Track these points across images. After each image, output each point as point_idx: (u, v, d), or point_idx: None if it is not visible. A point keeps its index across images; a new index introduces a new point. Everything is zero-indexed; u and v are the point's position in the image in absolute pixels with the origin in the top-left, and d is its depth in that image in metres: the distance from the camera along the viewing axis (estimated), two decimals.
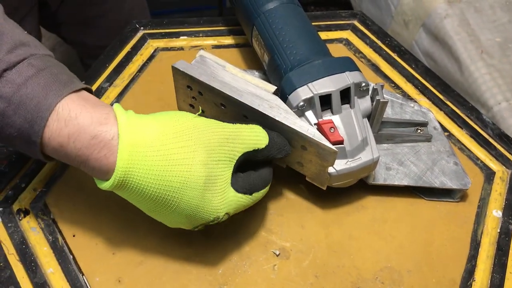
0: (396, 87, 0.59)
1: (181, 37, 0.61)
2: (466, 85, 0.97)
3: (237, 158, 0.40)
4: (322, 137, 0.41)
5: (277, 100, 0.44)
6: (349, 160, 0.44)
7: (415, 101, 0.57)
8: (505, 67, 0.95)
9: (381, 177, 0.48)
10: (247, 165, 0.42)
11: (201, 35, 0.62)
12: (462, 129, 0.55)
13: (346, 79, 0.45)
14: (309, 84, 0.44)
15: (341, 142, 0.43)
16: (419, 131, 0.51)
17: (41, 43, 0.41)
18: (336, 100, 0.44)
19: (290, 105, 0.44)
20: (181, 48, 0.60)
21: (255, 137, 0.41)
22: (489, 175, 0.52)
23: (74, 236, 0.46)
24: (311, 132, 0.41)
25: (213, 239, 0.46)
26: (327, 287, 0.43)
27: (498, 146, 0.54)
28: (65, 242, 0.45)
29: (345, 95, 0.45)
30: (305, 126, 0.42)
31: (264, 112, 0.42)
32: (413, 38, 1.17)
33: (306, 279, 0.44)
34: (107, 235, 0.46)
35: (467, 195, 0.50)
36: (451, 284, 0.44)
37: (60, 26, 0.82)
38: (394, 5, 1.23)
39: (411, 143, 0.51)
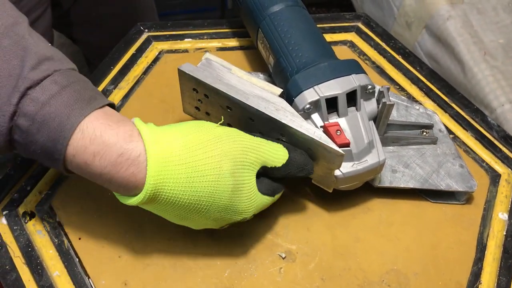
0: (401, 89, 0.59)
1: (186, 39, 0.61)
2: (469, 87, 0.97)
3: (258, 167, 0.41)
4: (329, 139, 0.41)
5: (283, 103, 0.44)
6: (356, 162, 0.44)
7: (420, 104, 0.57)
8: (508, 68, 0.95)
9: (387, 180, 0.48)
10: None
11: (205, 37, 0.62)
12: (467, 131, 0.55)
13: (353, 81, 0.45)
14: (315, 87, 0.44)
15: (347, 144, 0.43)
16: (424, 133, 0.51)
17: (63, 55, 0.41)
18: (342, 102, 0.44)
19: (296, 108, 0.44)
20: (186, 51, 0.60)
21: (273, 154, 0.41)
22: (495, 177, 0.51)
23: (80, 239, 0.46)
24: (318, 134, 0.41)
25: (219, 241, 0.46)
26: None
27: (504, 148, 0.54)
28: (71, 245, 0.45)
29: (351, 98, 0.45)
30: (312, 128, 0.42)
31: (270, 115, 0.42)
32: (415, 40, 1.17)
33: (312, 282, 0.44)
34: (113, 237, 0.46)
35: (472, 198, 0.50)
36: (458, 287, 0.44)
37: (70, 26, 0.82)
38: (397, 6, 1.23)
39: (417, 146, 0.51)
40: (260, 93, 0.44)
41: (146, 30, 0.62)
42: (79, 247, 0.45)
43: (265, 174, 0.42)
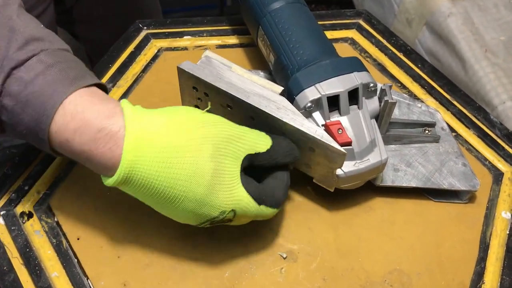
0: (403, 87, 0.58)
1: (185, 37, 0.61)
2: (470, 84, 0.97)
3: (242, 158, 0.39)
4: (331, 138, 0.41)
5: (284, 101, 0.43)
6: (357, 161, 0.43)
7: (422, 101, 0.56)
8: (509, 66, 0.94)
9: (389, 179, 0.47)
10: (260, 175, 0.41)
11: (205, 34, 0.61)
12: (469, 129, 0.54)
13: (354, 79, 0.44)
14: (317, 85, 0.43)
15: (349, 143, 0.42)
16: (427, 131, 0.50)
17: (57, 37, 0.40)
18: (344, 101, 0.43)
19: (297, 106, 0.44)
20: (185, 48, 0.60)
21: (257, 140, 0.40)
22: (498, 176, 0.51)
23: (78, 239, 0.45)
24: (319, 133, 0.41)
25: (219, 241, 0.45)
26: None
27: (506, 147, 0.53)
28: (70, 245, 0.45)
29: (353, 96, 0.44)
30: (313, 127, 0.41)
31: (271, 114, 0.41)
32: (416, 37, 1.17)
33: (314, 282, 0.43)
34: (112, 237, 0.45)
35: (475, 196, 0.49)
36: (461, 287, 0.44)
37: (73, 23, 0.81)
38: (397, 3, 1.22)
39: (419, 144, 0.50)
40: (260, 91, 0.44)
41: (145, 27, 0.61)
42: (77, 247, 0.45)
43: (254, 165, 0.40)
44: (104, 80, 0.56)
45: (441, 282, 0.44)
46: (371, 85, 0.45)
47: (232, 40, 0.61)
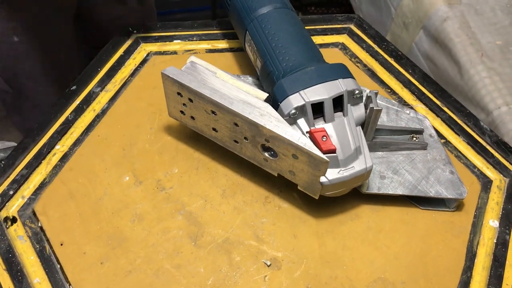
0: (393, 92, 0.58)
1: (175, 41, 0.60)
2: (466, 89, 0.96)
3: None
4: (314, 146, 0.40)
5: (268, 108, 0.43)
6: (342, 169, 0.43)
7: (411, 108, 0.56)
8: (505, 70, 0.94)
9: (375, 186, 0.47)
10: None
11: (195, 39, 0.61)
12: (459, 136, 0.54)
13: (339, 86, 0.44)
14: (301, 92, 0.43)
15: (333, 151, 0.42)
16: (414, 138, 0.50)
17: None
18: (328, 108, 0.43)
19: (281, 113, 0.43)
20: (175, 52, 0.59)
21: None
22: (486, 183, 0.50)
23: (62, 244, 0.45)
24: (302, 141, 0.40)
25: (203, 248, 0.45)
26: None
27: (496, 154, 0.53)
28: (53, 251, 0.44)
29: (338, 103, 0.44)
30: (296, 135, 0.41)
31: (254, 121, 0.41)
32: (413, 41, 1.16)
33: None
34: (95, 243, 0.45)
35: (463, 205, 0.49)
36: None
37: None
38: (394, 7, 1.22)
39: (406, 151, 0.50)
40: (245, 97, 0.43)
41: (135, 31, 0.61)
42: (60, 253, 0.44)
43: None
44: (92, 84, 0.56)
45: None
46: (357, 92, 0.44)
47: (222, 44, 0.61)
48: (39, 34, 0.67)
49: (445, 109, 0.56)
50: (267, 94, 0.44)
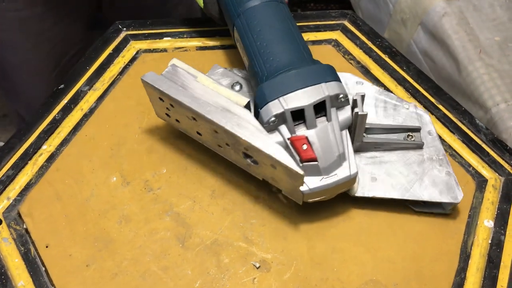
0: (386, 90, 0.56)
1: (165, 38, 0.59)
2: (464, 86, 0.95)
3: None
4: (289, 159, 0.39)
5: (247, 115, 0.42)
6: (324, 176, 0.41)
7: (424, 105, 0.54)
8: (504, 67, 0.92)
9: (365, 189, 0.45)
10: None
11: (185, 36, 0.60)
12: (454, 134, 0.53)
13: (321, 91, 0.41)
14: (281, 98, 0.41)
15: (314, 159, 0.41)
16: (410, 137, 0.48)
17: None
18: (309, 114, 0.41)
19: (261, 120, 0.42)
20: (165, 50, 0.58)
21: None
22: (481, 183, 0.49)
23: (47, 247, 0.44)
24: (278, 154, 0.39)
25: (191, 250, 0.44)
26: None
27: (491, 152, 0.52)
28: (38, 253, 0.44)
29: (322, 107, 0.42)
30: (272, 146, 0.40)
31: (231, 131, 0.40)
32: (411, 37, 1.15)
33: None
34: (81, 245, 0.44)
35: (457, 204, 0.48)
36: None
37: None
38: (392, 3, 1.21)
39: (401, 151, 0.48)
40: (225, 104, 0.42)
41: (125, 28, 0.60)
42: (46, 255, 0.44)
43: None
44: (80, 82, 0.55)
45: None
46: (341, 96, 0.42)
47: (213, 41, 0.60)
48: None
49: (440, 106, 0.55)
50: (248, 100, 0.43)
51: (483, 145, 0.52)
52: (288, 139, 0.41)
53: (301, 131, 0.42)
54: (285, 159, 0.39)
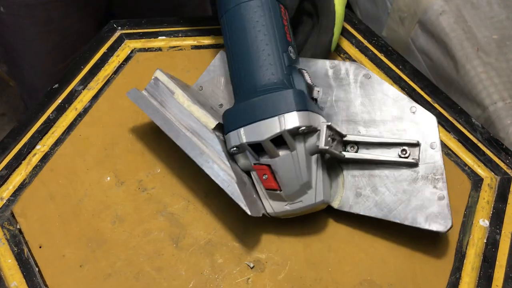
0: None
1: (160, 37, 0.59)
2: (462, 84, 0.95)
3: None
4: (240, 195, 0.39)
5: (213, 140, 0.42)
6: (289, 203, 0.41)
7: (420, 104, 0.51)
8: (501, 65, 0.92)
9: (347, 204, 0.43)
10: None
11: (180, 35, 0.59)
12: (449, 133, 0.53)
13: (278, 125, 0.39)
14: (240, 130, 0.40)
15: (275, 189, 0.41)
16: (404, 152, 0.42)
17: None
18: (268, 147, 0.40)
19: (227, 146, 0.42)
20: (159, 49, 0.58)
21: None
22: (477, 182, 0.49)
23: (40, 247, 0.44)
24: (230, 189, 0.40)
25: (185, 250, 0.44)
26: None
27: (487, 151, 0.51)
28: (31, 253, 0.43)
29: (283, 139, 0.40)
30: (227, 181, 0.40)
31: (193, 159, 0.41)
32: (409, 36, 1.15)
33: None
34: (75, 246, 0.44)
35: (452, 203, 0.47)
36: None
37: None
38: (390, 1, 1.20)
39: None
40: (195, 125, 0.42)
41: (119, 27, 0.60)
42: (39, 256, 0.43)
43: None
44: (75, 82, 0.55)
45: None
46: (302, 128, 0.39)
47: (208, 40, 0.59)
48: None
49: (436, 105, 0.55)
50: (216, 122, 0.42)
51: (479, 144, 0.52)
52: (252, 166, 0.42)
53: (265, 158, 0.41)
54: (237, 196, 0.39)
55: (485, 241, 0.46)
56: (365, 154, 0.43)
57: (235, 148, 0.41)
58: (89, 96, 0.54)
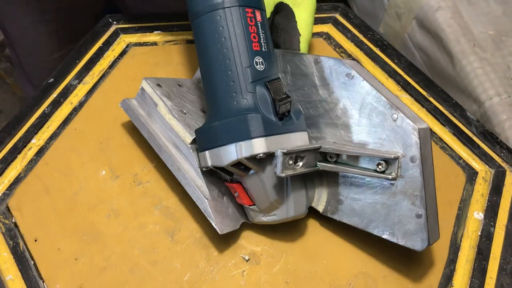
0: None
1: (155, 32, 0.59)
2: (458, 80, 0.95)
3: None
4: (211, 214, 0.41)
5: (190, 156, 0.43)
6: (265, 215, 0.42)
7: (403, 112, 0.48)
8: (497, 61, 0.92)
9: (331, 210, 0.44)
10: None
11: (175, 29, 0.59)
12: (444, 126, 0.53)
13: (235, 154, 0.38)
14: (206, 152, 0.40)
15: (247, 205, 0.42)
16: (380, 167, 0.39)
17: None
18: (232, 170, 0.40)
19: (200, 164, 0.43)
20: (155, 44, 0.58)
21: None
22: (472, 175, 0.49)
23: (36, 240, 0.44)
24: (203, 207, 0.41)
25: (180, 244, 0.44)
26: None
27: (482, 145, 0.52)
28: (26, 247, 0.43)
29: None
30: (201, 199, 0.41)
31: (173, 174, 0.43)
32: (406, 31, 1.15)
33: (276, 286, 0.42)
34: (70, 239, 0.44)
35: (447, 196, 0.48)
36: None
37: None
38: None
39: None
40: (175, 139, 0.44)
41: (115, 22, 0.60)
42: (34, 249, 0.43)
43: None
44: (70, 76, 0.55)
45: (408, 285, 0.43)
46: (260, 155, 0.38)
47: None
48: None
49: (431, 99, 0.55)
50: (192, 137, 0.42)
51: (474, 138, 0.52)
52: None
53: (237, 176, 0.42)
54: (209, 214, 0.41)
55: (479, 233, 0.46)
56: (340, 166, 0.41)
57: (205, 168, 0.42)
58: (85, 90, 0.54)
